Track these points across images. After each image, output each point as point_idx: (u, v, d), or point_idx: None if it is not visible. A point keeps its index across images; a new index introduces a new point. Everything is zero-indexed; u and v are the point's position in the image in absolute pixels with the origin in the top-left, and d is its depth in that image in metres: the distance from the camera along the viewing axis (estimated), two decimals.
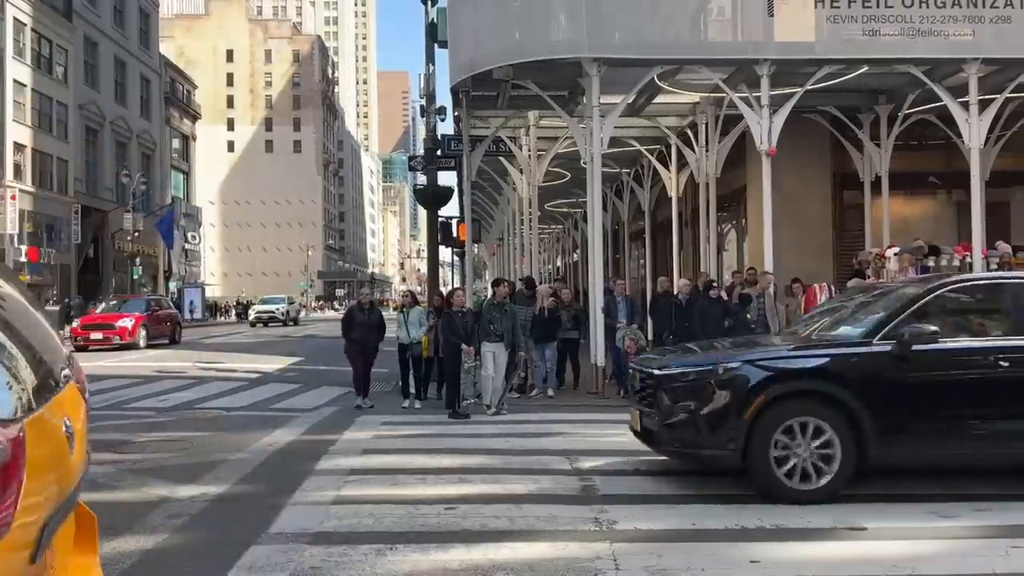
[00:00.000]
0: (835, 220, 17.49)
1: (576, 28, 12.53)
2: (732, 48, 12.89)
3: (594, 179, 12.73)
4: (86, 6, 47.01)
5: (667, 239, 21.23)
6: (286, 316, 46.43)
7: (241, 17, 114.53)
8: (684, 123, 17.48)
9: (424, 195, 18.55)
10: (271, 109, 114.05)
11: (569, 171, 21.04)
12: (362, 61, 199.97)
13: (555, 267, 42.50)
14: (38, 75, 41.73)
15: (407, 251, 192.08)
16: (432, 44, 17.69)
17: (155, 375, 16.09)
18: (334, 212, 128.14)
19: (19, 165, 40.02)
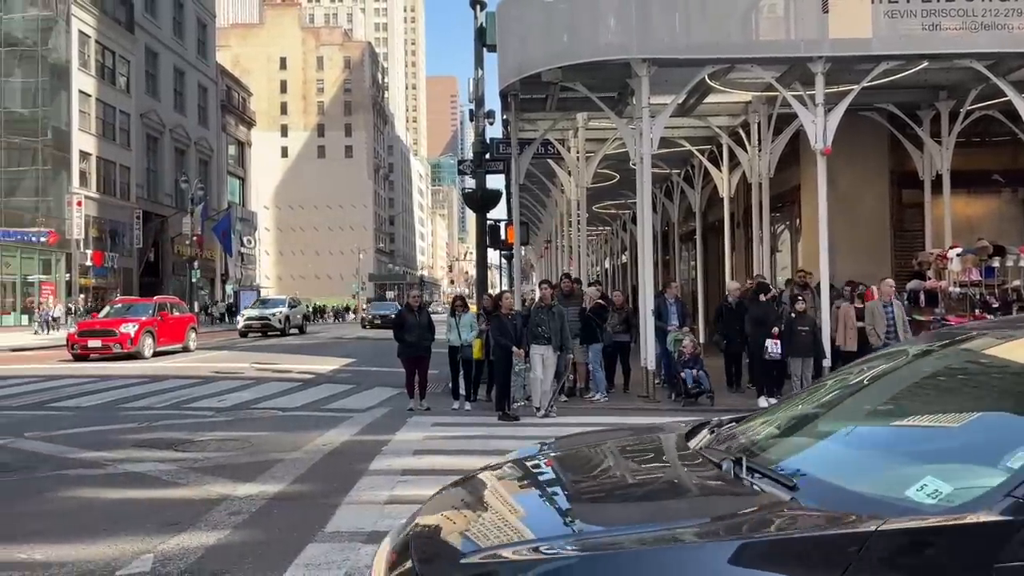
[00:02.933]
0: (893, 220, 17.07)
1: (625, 29, 12.48)
2: (785, 46, 12.67)
3: (644, 180, 12.65)
4: (147, 18, 48.57)
5: (719, 240, 20.98)
6: (284, 324, 35.21)
7: (294, 25, 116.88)
8: (736, 122, 17.25)
9: (473, 198, 18.65)
10: (323, 115, 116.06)
11: (618, 172, 20.95)
12: (411, 66, 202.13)
13: (603, 269, 42.31)
14: (102, 85, 43.25)
15: (455, 254, 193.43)
16: (481, 48, 17.78)
17: (213, 375, 16.52)
18: (384, 216, 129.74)
19: (85, 172, 41.53)
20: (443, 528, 2.46)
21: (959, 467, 2.16)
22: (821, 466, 2.37)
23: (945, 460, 2.21)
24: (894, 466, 2.27)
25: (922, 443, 2.42)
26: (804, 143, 15.02)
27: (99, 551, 4.93)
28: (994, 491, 1.89)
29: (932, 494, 1.99)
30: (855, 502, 2.01)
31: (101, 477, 7.12)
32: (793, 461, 2.46)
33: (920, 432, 2.50)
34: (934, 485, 2.01)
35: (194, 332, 24.91)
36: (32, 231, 37.67)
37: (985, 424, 2.34)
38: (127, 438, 9.08)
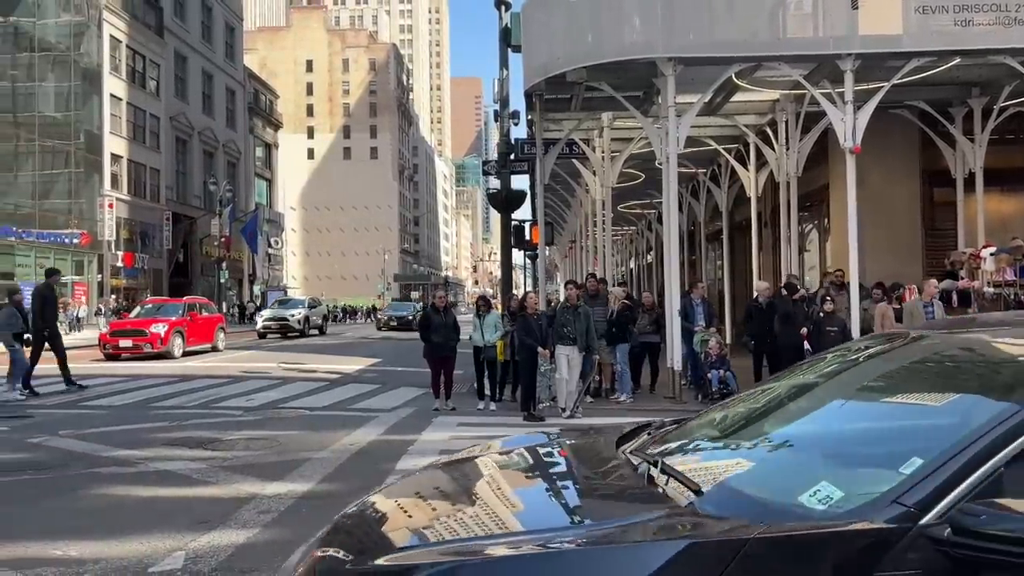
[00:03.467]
0: (924, 219, 16.80)
1: (650, 28, 12.42)
2: (813, 44, 12.52)
3: (670, 179, 12.57)
4: (176, 22, 49.27)
5: (746, 240, 20.79)
6: (304, 325, 34.16)
7: (320, 28, 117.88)
8: (763, 121, 17.09)
9: (498, 199, 18.68)
10: (349, 117, 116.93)
11: (643, 172, 20.85)
12: (436, 68, 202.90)
13: (628, 269, 42.16)
14: (133, 89, 43.94)
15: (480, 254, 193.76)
16: (506, 49, 17.80)
17: (241, 375, 16.70)
18: (409, 216, 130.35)
19: (116, 175, 42.22)
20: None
21: (861, 472, 2.12)
22: (733, 471, 2.37)
23: (853, 465, 2.17)
24: (802, 471, 2.23)
25: (835, 447, 2.39)
26: (833, 141, 14.84)
27: (132, 548, 5.00)
28: (881, 498, 1.86)
29: (823, 500, 1.96)
30: (749, 508, 1.99)
31: (133, 475, 7.22)
32: (709, 466, 2.45)
33: (836, 436, 2.46)
34: (827, 491, 1.99)
35: (223, 332, 25.19)
36: (65, 233, 38.37)
37: (896, 430, 2.31)
38: (158, 437, 9.22)
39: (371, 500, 2.73)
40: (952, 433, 1.99)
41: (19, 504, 6.19)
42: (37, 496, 6.46)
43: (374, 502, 2.69)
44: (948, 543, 1.71)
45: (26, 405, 12.15)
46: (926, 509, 1.78)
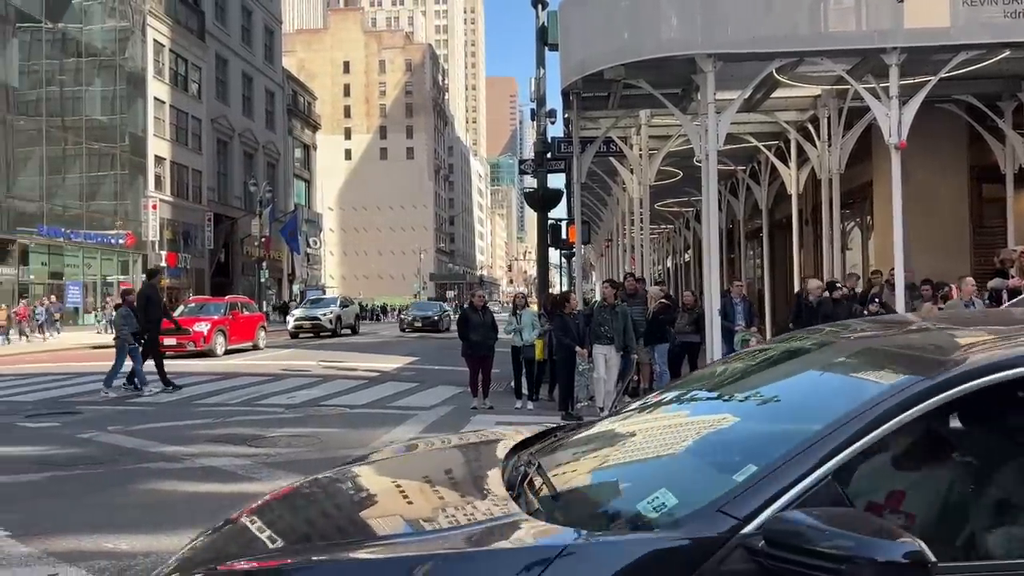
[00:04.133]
0: (972, 216, 16.39)
1: (689, 24, 12.30)
2: (856, 38, 12.27)
3: (709, 177, 12.43)
4: (217, 26, 50.15)
5: (786, 238, 20.49)
6: (336, 324, 33.39)
7: (357, 29, 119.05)
8: (804, 117, 16.83)
9: (534, 198, 18.69)
10: (385, 117, 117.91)
11: (681, 170, 20.67)
12: (471, 67, 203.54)
13: (664, 268, 41.86)
14: (176, 92, 44.84)
15: (514, 253, 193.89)
16: (543, 48, 17.80)
17: (282, 373, 16.95)
18: (444, 216, 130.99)
19: (159, 176, 43.14)
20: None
21: (706, 478, 2.04)
22: (596, 475, 2.31)
23: (705, 470, 2.09)
24: (657, 476, 2.15)
25: (699, 451, 2.30)
26: (876, 137, 14.56)
27: (180, 542, 5.09)
28: (708, 506, 1.80)
29: (658, 507, 1.92)
30: (588, 515, 1.96)
31: (180, 470, 7.37)
32: (579, 470, 2.36)
33: (704, 440, 2.37)
34: (663, 498, 1.94)
35: (263, 331, 25.57)
36: (111, 233, 39.32)
37: (757, 434, 2.21)
38: (202, 433, 9.40)
39: (254, 506, 2.73)
40: (790, 440, 1.93)
41: (72, 498, 6.36)
42: (88, 490, 6.63)
43: (254, 508, 2.68)
44: (762, 554, 1.65)
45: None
46: (749, 519, 1.71)
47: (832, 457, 1.78)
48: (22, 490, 6.73)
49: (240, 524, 2.44)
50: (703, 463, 2.17)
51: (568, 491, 2.16)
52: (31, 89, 34.94)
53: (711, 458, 2.16)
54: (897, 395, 1.86)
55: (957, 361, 1.94)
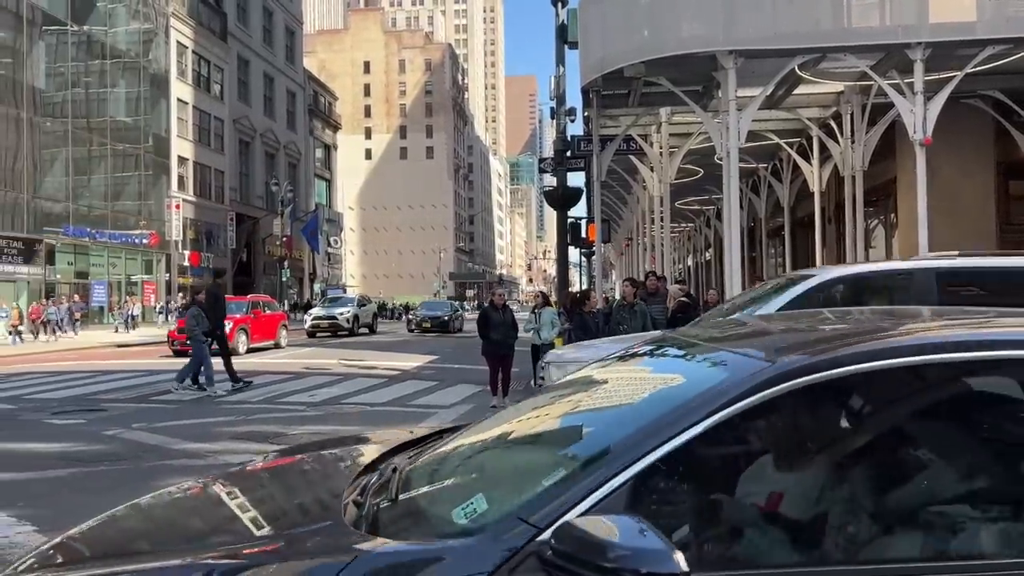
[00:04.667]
0: (999, 213, 16.14)
1: (710, 20, 12.23)
2: (880, 33, 12.14)
3: (731, 175, 12.36)
4: (239, 27, 50.59)
5: (808, 236, 20.32)
6: (353, 323, 32.92)
7: (377, 29, 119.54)
8: (827, 114, 16.67)
9: (554, 196, 18.68)
10: (405, 117, 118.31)
11: (702, 167, 20.56)
12: (490, 66, 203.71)
13: (685, 267, 41.64)
14: (198, 93, 45.29)
15: (534, 252, 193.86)
16: (562, 46, 17.78)
17: (304, 371, 17.06)
18: (464, 215, 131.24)
19: (182, 177, 43.59)
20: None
21: (521, 485, 1.97)
22: (437, 483, 2.24)
23: (528, 478, 2.00)
24: (486, 482, 2.13)
25: (529, 457, 2.24)
26: (900, 134, 14.39)
27: None
28: (509, 513, 1.77)
29: (469, 514, 1.88)
30: (407, 525, 1.95)
31: (202, 467, 7.44)
32: (422, 479, 2.27)
33: (540, 447, 2.29)
34: (476, 505, 1.91)
35: (285, 329, 25.74)
36: (135, 233, 39.79)
37: (583, 439, 2.14)
38: (225, 431, 9.48)
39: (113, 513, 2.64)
40: (600, 444, 1.90)
41: (96, 493, 6.44)
42: (112, 486, 6.71)
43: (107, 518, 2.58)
44: (550, 563, 1.62)
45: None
46: (547, 526, 1.68)
47: (636, 462, 1.75)
48: (48, 486, 6.83)
49: (64, 540, 2.38)
50: (531, 468, 2.10)
51: (405, 498, 2.10)
52: (57, 91, 35.43)
53: (542, 463, 2.09)
54: (700, 400, 1.85)
55: (762, 368, 1.92)
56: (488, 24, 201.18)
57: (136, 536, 2.39)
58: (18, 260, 32.52)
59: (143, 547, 2.24)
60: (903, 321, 2.56)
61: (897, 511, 1.82)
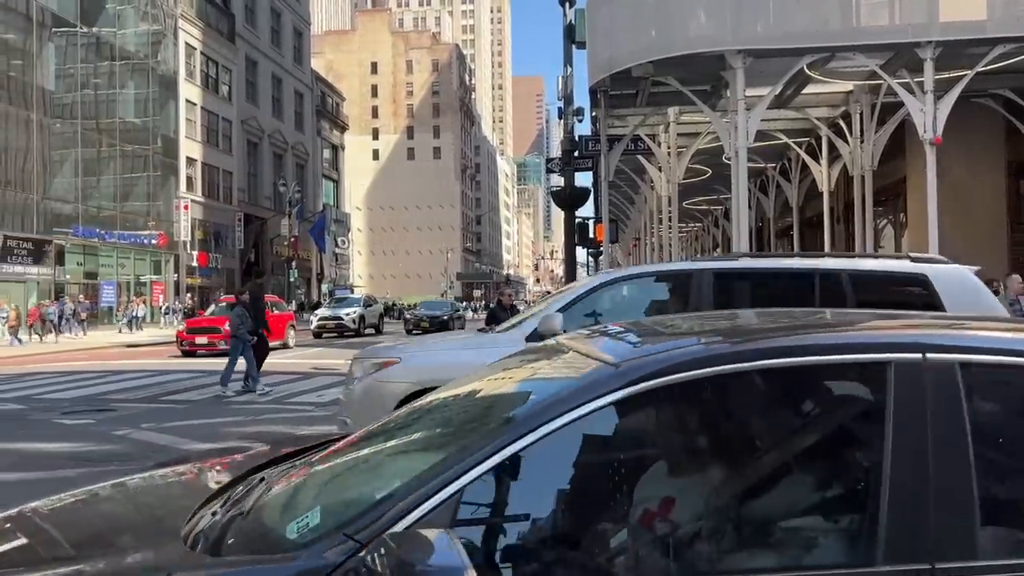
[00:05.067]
0: (1010, 212, 16.07)
1: (718, 20, 12.21)
2: (890, 32, 12.09)
3: (739, 174, 12.33)
4: (247, 28, 50.73)
5: (817, 236, 20.25)
6: (359, 324, 32.56)
7: (385, 30, 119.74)
8: (836, 113, 16.61)
9: (562, 196, 18.65)
10: (412, 118, 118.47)
11: (710, 167, 20.52)
12: (497, 67, 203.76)
13: None
14: (207, 94, 45.44)
15: (541, 252, 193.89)
16: (570, 46, 17.75)
17: (312, 371, 17.09)
18: (471, 215, 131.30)
19: (191, 178, 43.74)
20: None
21: (356, 499, 1.90)
22: (287, 497, 2.13)
23: (367, 490, 1.93)
24: (329, 495, 2.05)
25: (377, 470, 2.13)
26: (910, 133, 14.32)
27: None
28: (334, 527, 1.71)
29: (301, 528, 1.81)
30: (244, 543, 1.86)
31: None
32: (281, 492, 2.16)
33: (396, 457, 2.19)
34: (310, 518, 1.85)
35: (292, 329, 25.76)
36: (144, 234, 39.96)
37: (433, 451, 2.04)
38: (233, 431, 9.49)
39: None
40: (432, 457, 1.86)
41: None
42: None
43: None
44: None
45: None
46: (367, 541, 1.63)
47: (465, 474, 1.70)
48: (57, 486, 6.83)
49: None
50: (374, 480, 2.02)
51: (255, 513, 2.00)
52: (66, 92, 35.61)
53: (385, 474, 2.01)
54: (534, 411, 1.81)
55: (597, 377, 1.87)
56: (495, 24, 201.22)
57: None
58: (28, 260, 32.70)
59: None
60: (763, 325, 2.50)
61: (738, 518, 1.79)
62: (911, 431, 1.75)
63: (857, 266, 6.42)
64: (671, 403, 1.91)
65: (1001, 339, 2.04)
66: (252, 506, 2.04)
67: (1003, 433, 1.89)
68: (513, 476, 1.77)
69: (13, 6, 32.07)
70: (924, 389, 1.78)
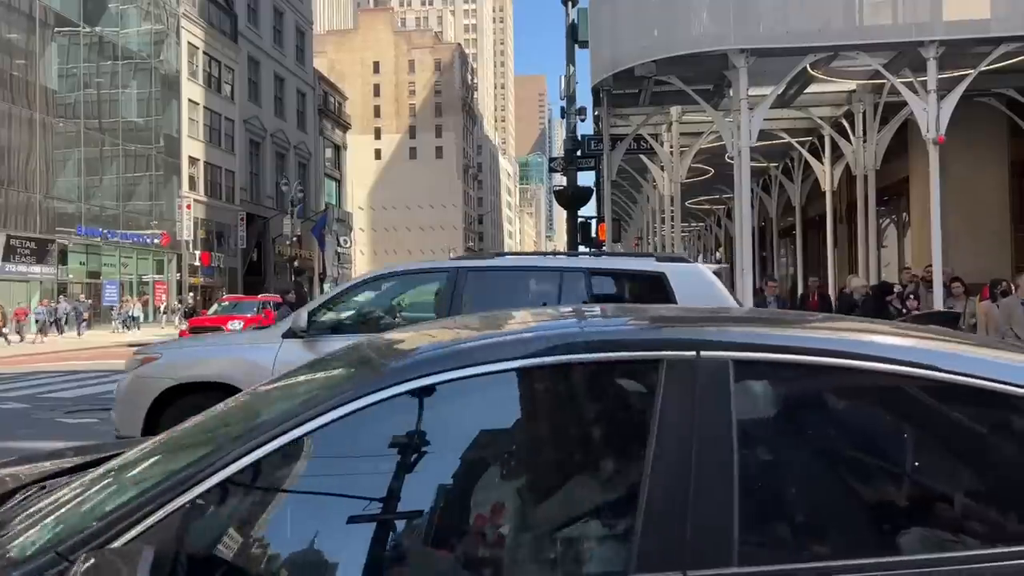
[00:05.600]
0: (1013, 211, 16.04)
1: (721, 19, 12.19)
2: (893, 31, 12.07)
3: (742, 174, 12.32)
4: (250, 28, 50.75)
5: (819, 236, 20.23)
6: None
7: (387, 30, 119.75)
8: (839, 113, 16.59)
9: (564, 196, 18.66)
10: (414, 117, 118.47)
11: (712, 167, 20.50)
12: (500, 66, 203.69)
13: None
14: (209, 94, 45.47)
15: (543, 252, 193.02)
16: (572, 45, 17.76)
17: None
18: (473, 215, 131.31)
19: (193, 177, 43.78)
20: None
21: (90, 512, 1.70)
22: (37, 512, 1.92)
23: (102, 505, 1.74)
24: (69, 511, 1.83)
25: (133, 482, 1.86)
26: (913, 132, 14.30)
27: None
28: (48, 546, 1.57)
29: (29, 545, 1.66)
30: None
31: None
32: (36, 508, 1.97)
33: (129, 473, 1.97)
34: (40, 534, 1.70)
35: None
36: (147, 233, 40.00)
37: (157, 463, 1.92)
38: None
39: None
40: (164, 470, 1.73)
41: None
42: None
43: None
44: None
45: None
46: (73, 558, 1.49)
47: (196, 485, 1.59)
48: None
49: None
50: (119, 494, 1.82)
51: (6, 527, 1.85)
52: (69, 92, 35.65)
53: (132, 489, 1.80)
54: (278, 421, 1.69)
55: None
56: (497, 24, 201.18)
57: None
58: (31, 260, 32.74)
59: None
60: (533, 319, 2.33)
61: (480, 529, 1.69)
62: (675, 433, 1.62)
63: (603, 265, 6.94)
64: (418, 407, 1.75)
65: (773, 335, 1.91)
66: (10, 520, 1.89)
67: (769, 436, 1.78)
68: (248, 488, 1.67)
69: (16, 6, 32.11)
70: (694, 389, 1.66)
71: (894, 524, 1.67)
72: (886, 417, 1.85)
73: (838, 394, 1.84)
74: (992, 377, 1.71)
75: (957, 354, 1.87)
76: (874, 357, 1.75)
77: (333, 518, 1.69)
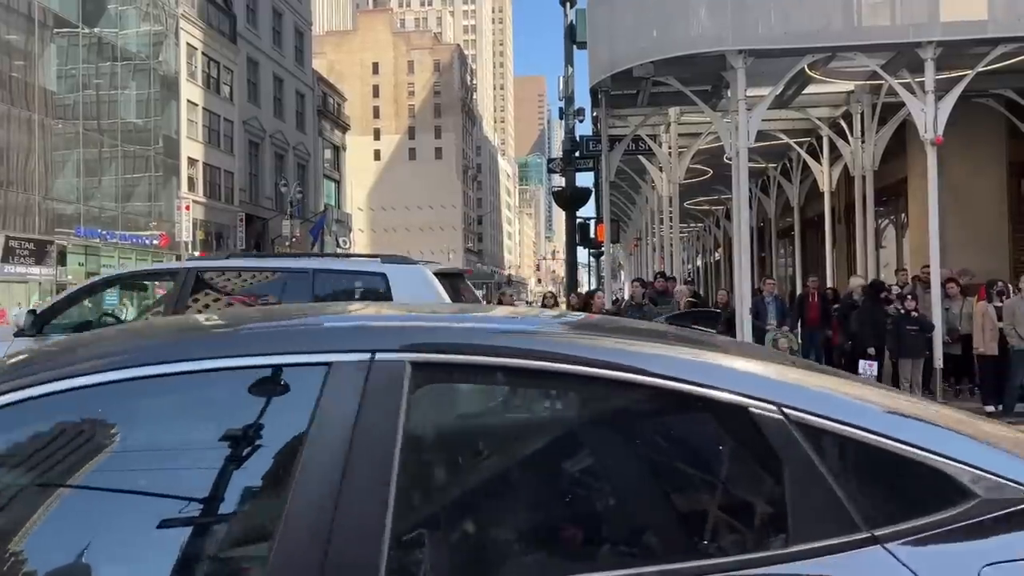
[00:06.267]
0: (1011, 213, 16.05)
1: (719, 20, 12.20)
2: (891, 32, 12.08)
3: (740, 175, 12.33)
4: (249, 29, 50.76)
5: (818, 236, 20.24)
6: None
7: (386, 31, 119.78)
8: (837, 113, 16.60)
9: (563, 197, 18.69)
10: (414, 118, 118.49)
11: (711, 167, 20.51)
12: (499, 67, 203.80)
13: (694, 267, 41.54)
14: (208, 95, 45.46)
15: (542, 252, 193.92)
16: (571, 46, 17.78)
17: None
18: (473, 216, 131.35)
19: (192, 178, 43.77)
20: None
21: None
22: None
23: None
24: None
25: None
26: (911, 133, 14.31)
27: None
28: None
29: None
30: None
31: None
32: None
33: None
34: None
35: None
36: (146, 234, 39.99)
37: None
38: None
39: None
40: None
41: None
42: None
43: None
44: None
45: None
46: None
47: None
48: None
49: None
50: None
51: None
52: (68, 93, 35.64)
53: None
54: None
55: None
56: (496, 25, 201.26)
57: None
58: (30, 261, 32.72)
59: None
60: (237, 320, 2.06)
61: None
62: (328, 448, 1.41)
63: (328, 265, 7.16)
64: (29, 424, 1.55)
65: (455, 331, 1.71)
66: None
67: (442, 449, 1.58)
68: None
69: (15, 7, 32.10)
70: (363, 397, 1.44)
71: (579, 543, 1.49)
72: (580, 424, 1.64)
73: (534, 400, 1.66)
74: (679, 377, 1.52)
75: (661, 356, 1.62)
76: (566, 358, 1.54)
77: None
